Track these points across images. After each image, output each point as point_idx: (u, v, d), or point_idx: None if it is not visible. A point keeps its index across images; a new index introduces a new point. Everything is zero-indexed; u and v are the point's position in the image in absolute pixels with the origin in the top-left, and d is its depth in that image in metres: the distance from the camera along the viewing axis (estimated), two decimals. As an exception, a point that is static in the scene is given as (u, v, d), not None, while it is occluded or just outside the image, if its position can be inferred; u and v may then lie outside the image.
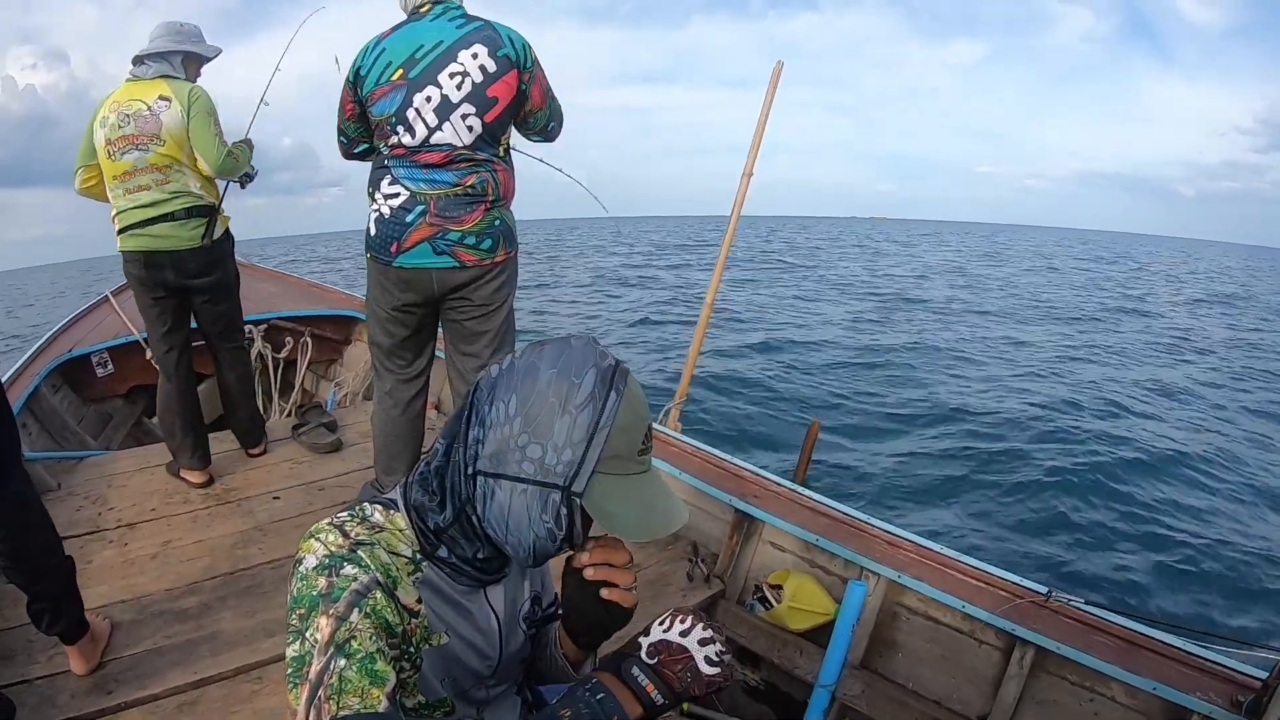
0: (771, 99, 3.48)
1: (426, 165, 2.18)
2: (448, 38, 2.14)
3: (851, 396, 8.35)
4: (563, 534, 0.85)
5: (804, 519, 2.45)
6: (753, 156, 3.53)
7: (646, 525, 0.85)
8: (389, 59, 2.15)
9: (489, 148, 2.23)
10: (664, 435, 3.06)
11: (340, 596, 0.79)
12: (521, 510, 0.84)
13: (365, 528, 0.88)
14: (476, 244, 2.24)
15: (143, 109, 2.65)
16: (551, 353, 0.85)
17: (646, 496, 0.87)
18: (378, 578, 0.83)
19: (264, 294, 5.14)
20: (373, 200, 2.29)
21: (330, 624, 0.77)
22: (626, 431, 0.83)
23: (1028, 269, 31.37)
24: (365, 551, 0.84)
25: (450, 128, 2.14)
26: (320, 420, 3.58)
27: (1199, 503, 5.65)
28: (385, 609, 0.82)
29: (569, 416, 0.81)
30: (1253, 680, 1.73)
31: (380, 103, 2.17)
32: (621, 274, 23.34)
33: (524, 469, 0.82)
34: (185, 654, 1.98)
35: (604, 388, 0.82)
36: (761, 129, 3.51)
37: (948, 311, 16.03)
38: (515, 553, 0.88)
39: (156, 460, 3.22)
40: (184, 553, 2.49)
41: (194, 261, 2.79)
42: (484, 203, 2.24)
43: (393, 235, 2.23)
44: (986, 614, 2.04)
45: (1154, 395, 8.92)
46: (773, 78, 3.50)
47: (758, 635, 2.38)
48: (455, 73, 2.12)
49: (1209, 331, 15.20)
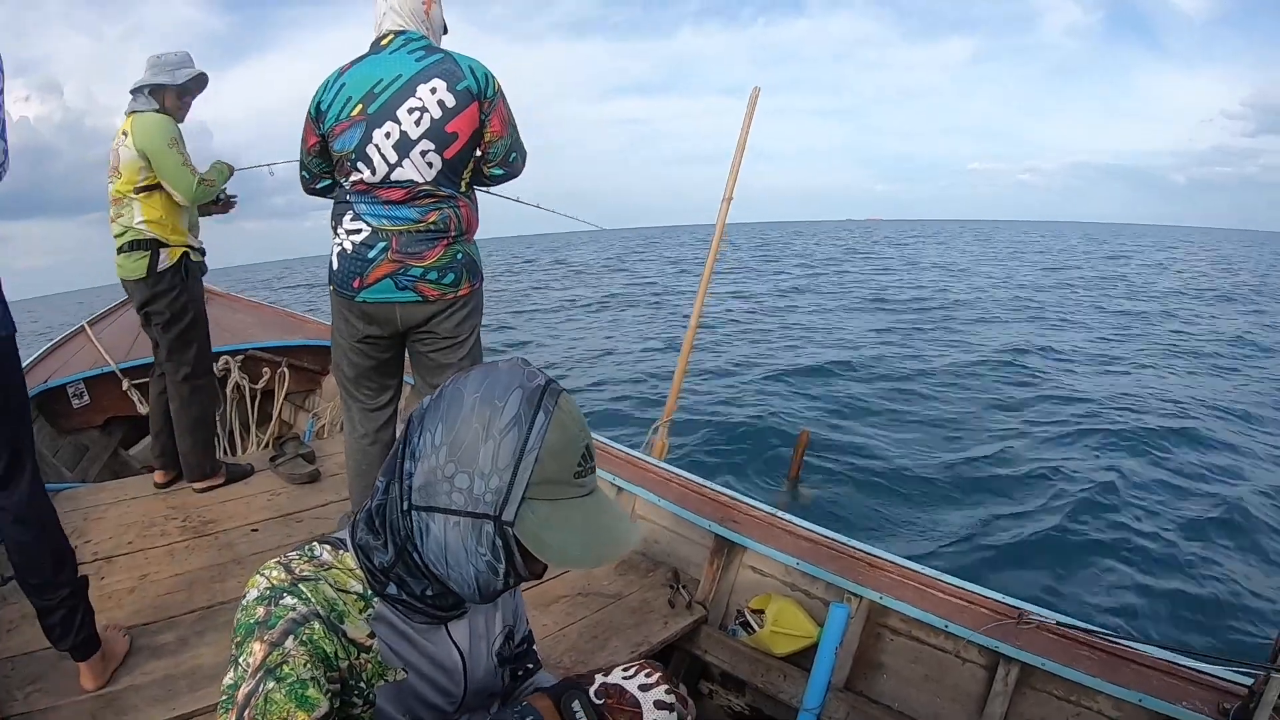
0: (749, 125, 3.55)
1: (388, 201, 2.18)
2: (406, 71, 2.13)
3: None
4: (503, 566, 0.82)
5: (784, 543, 2.46)
6: (732, 181, 3.61)
7: (588, 553, 0.82)
8: (349, 94, 2.14)
9: (450, 184, 2.22)
10: (641, 461, 3.07)
11: (276, 624, 0.78)
12: (457, 544, 0.81)
13: (312, 565, 0.87)
14: (439, 279, 2.24)
15: (116, 144, 2.83)
16: (476, 378, 0.84)
17: (588, 521, 0.83)
18: (318, 610, 0.81)
19: (241, 324, 5.11)
20: (335, 234, 2.28)
21: (263, 649, 0.76)
22: (558, 454, 0.81)
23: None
24: (308, 586, 0.83)
25: (410, 164, 2.14)
26: (298, 451, 3.56)
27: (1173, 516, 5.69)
28: (323, 640, 0.80)
29: (493, 442, 0.79)
30: (1238, 688, 1.74)
31: (341, 138, 2.16)
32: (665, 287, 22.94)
33: (454, 500, 0.80)
34: (164, 689, 1.95)
35: (530, 409, 0.80)
36: (740, 153, 3.57)
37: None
38: (461, 589, 0.86)
39: (133, 493, 3.19)
40: (161, 586, 2.45)
41: (139, 292, 2.96)
42: (446, 238, 2.23)
43: (355, 271, 2.22)
44: (969, 632, 2.06)
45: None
46: (750, 103, 3.56)
47: (741, 660, 2.38)
48: (414, 108, 2.11)
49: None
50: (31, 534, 1.78)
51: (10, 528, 1.76)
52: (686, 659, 2.50)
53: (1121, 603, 4.47)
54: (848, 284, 22.27)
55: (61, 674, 1.95)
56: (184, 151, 2.83)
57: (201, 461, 3.22)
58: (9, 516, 1.75)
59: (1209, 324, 15.05)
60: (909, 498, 5.94)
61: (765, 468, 6.59)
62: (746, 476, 6.41)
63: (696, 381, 9.34)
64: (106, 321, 4.75)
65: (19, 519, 1.75)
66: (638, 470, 2.99)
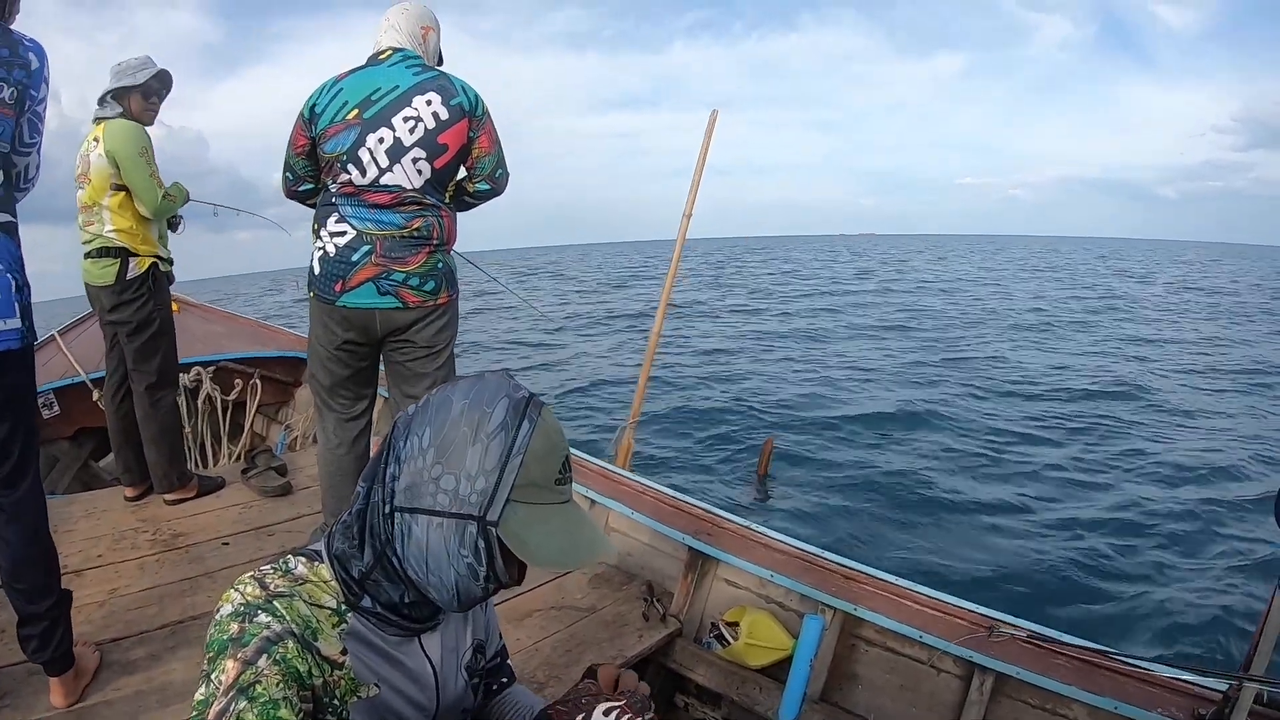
0: (708, 146, 3.78)
1: (374, 205, 2.21)
2: (404, 83, 2.20)
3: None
4: (484, 569, 0.83)
5: (759, 555, 2.48)
6: (692, 198, 3.85)
7: (566, 554, 0.84)
8: (345, 98, 2.20)
9: (436, 193, 2.28)
10: (615, 475, 3.07)
11: (250, 642, 0.78)
12: (439, 545, 0.82)
13: (287, 580, 0.87)
14: (420, 285, 2.27)
15: (86, 149, 2.83)
16: (464, 386, 0.87)
17: (567, 526, 0.86)
18: (292, 628, 0.82)
19: (213, 335, 5.06)
20: (317, 238, 2.30)
21: (236, 667, 0.76)
22: (541, 459, 0.83)
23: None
24: (282, 603, 0.83)
25: (401, 170, 2.19)
26: (270, 464, 3.52)
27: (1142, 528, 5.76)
28: (296, 659, 0.80)
29: (481, 445, 0.81)
30: (1212, 693, 1.77)
31: (332, 140, 2.20)
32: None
33: (439, 501, 0.82)
34: (134, 705, 1.92)
35: (516, 416, 0.83)
36: (699, 173, 3.83)
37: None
38: (439, 595, 0.86)
39: (104, 506, 3.15)
40: (131, 600, 2.42)
41: (106, 298, 2.95)
42: (428, 246, 2.28)
43: (337, 274, 2.24)
44: (944, 642, 2.08)
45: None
46: (708, 126, 3.78)
47: (716, 673, 2.39)
48: (409, 117, 2.18)
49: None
50: (26, 536, 1.79)
51: (5, 528, 1.77)
52: (661, 672, 2.50)
53: (1095, 614, 4.55)
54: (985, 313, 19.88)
55: (31, 689, 1.93)
56: (153, 163, 2.84)
57: (169, 472, 3.18)
58: (5, 516, 1.76)
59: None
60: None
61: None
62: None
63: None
64: (77, 331, 4.68)
65: (15, 518, 1.77)
66: (611, 484, 2.99)
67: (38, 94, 1.77)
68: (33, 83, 1.75)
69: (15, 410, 1.75)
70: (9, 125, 1.70)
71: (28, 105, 1.74)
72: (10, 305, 1.69)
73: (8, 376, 1.71)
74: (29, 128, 1.77)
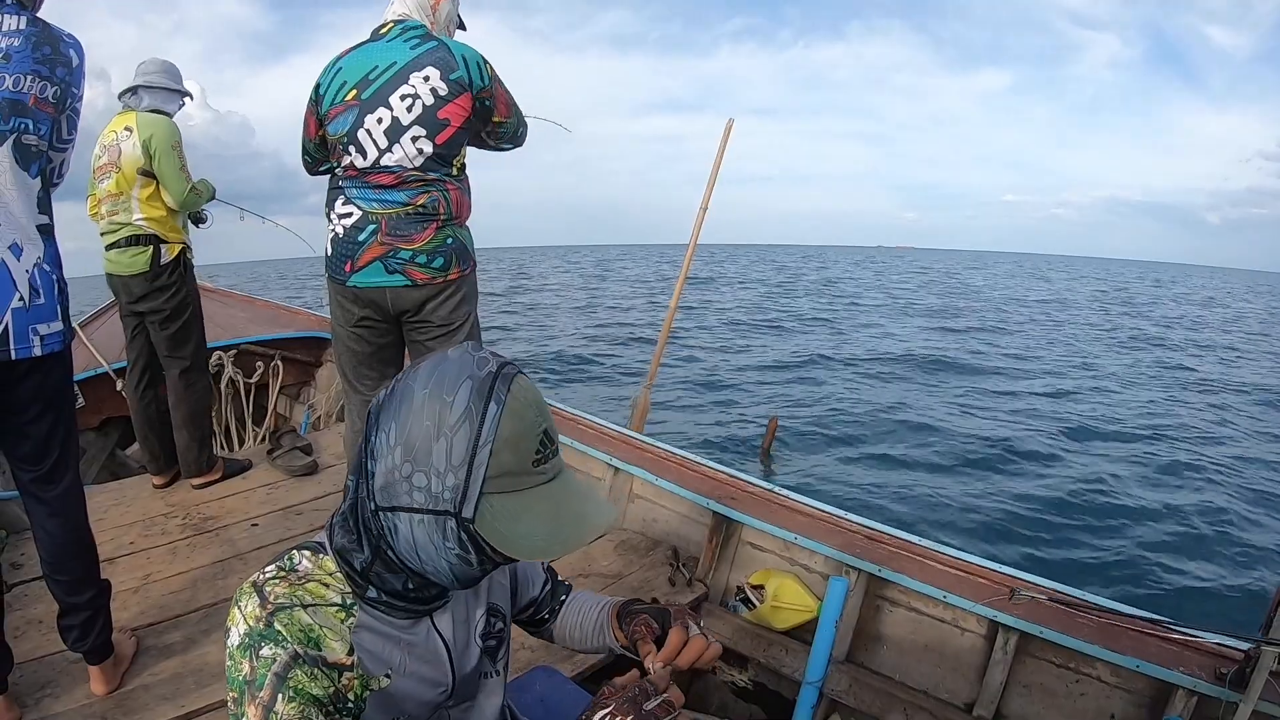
0: (723, 151, 4.24)
1: (378, 186, 2.19)
2: (401, 59, 2.14)
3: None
4: (474, 557, 0.81)
5: (783, 518, 2.48)
6: (708, 194, 4.36)
7: (553, 542, 0.79)
8: (344, 78, 2.17)
9: (440, 168, 2.23)
10: (638, 441, 3.07)
11: (263, 684, 0.78)
12: (426, 540, 0.80)
13: (288, 583, 0.85)
14: (428, 262, 2.24)
15: (114, 139, 2.84)
16: (426, 370, 0.81)
17: (553, 509, 0.81)
18: (296, 650, 0.80)
19: (233, 319, 5.10)
20: (329, 220, 2.29)
21: (259, 714, 0.77)
22: (514, 444, 0.78)
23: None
24: (282, 621, 0.81)
25: (400, 149, 2.15)
26: (294, 444, 3.56)
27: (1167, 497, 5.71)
28: (309, 684, 0.80)
29: (444, 440, 0.77)
30: (1234, 652, 1.76)
31: (334, 123, 2.18)
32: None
33: (415, 499, 0.79)
34: (172, 688, 1.96)
35: (481, 401, 0.77)
36: (715, 175, 4.30)
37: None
38: (440, 579, 0.85)
39: (132, 493, 3.20)
40: (165, 585, 2.47)
41: (137, 286, 2.98)
42: (435, 221, 2.23)
43: (346, 254, 2.23)
44: (968, 603, 2.08)
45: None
46: (724, 133, 4.21)
47: (743, 636, 2.41)
48: (406, 95, 2.13)
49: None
50: (68, 529, 1.84)
51: (48, 521, 1.81)
52: None
53: (1118, 576, 4.56)
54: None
55: (71, 678, 1.97)
56: (184, 158, 2.90)
57: (199, 456, 3.24)
58: (47, 510, 1.81)
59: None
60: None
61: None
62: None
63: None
64: (98, 322, 4.72)
65: (57, 512, 1.82)
66: (634, 450, 3.00)
67: (78, 91, 1.76)
68: (74, 80, 1.75)
69: (58, 409, 1.79)
70: (49, 123, 1.70)
71: (68, 103, 1.74)
72: (54, 309, 1.71)
73: (51, 376, 1.74)
74: (67, 124, 1.76)
